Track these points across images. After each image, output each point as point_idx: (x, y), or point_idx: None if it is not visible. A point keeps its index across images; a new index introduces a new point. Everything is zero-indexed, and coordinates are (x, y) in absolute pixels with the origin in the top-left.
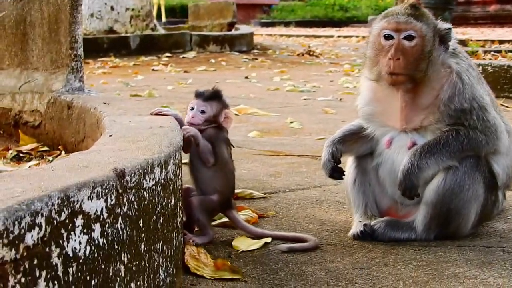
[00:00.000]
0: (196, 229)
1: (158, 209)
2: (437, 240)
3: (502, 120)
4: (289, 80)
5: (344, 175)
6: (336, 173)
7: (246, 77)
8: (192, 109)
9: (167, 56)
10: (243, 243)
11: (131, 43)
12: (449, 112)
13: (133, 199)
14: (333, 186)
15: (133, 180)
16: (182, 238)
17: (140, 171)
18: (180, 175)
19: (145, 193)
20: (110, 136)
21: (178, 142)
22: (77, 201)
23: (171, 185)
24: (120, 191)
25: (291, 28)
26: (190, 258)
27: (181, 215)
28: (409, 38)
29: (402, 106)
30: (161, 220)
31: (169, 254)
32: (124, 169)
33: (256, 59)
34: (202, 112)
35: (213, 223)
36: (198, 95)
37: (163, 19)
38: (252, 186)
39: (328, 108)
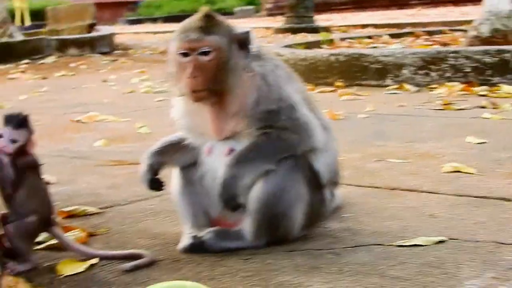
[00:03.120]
0: None
1: None
2: (269, 247)
3: (318, 116)
4: (147, 81)
5: (163, 186)
6: (154, 184)
7: (104, 81)
8: (1, 136)
9: (26, 63)
10: (67, 267)
11: None
12: (257, 116)
13: None
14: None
15: None
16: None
17: None
18: None
19: None
20: None
21: None
22: None
23: None
24: None
25: (158, 24)
26: None
27: None
28: (203, 53)
29: (212, 117)
30: None
31: None
32: None
33: (117, 60)
34: (14, 141)
35: (39, 246)
36: (8, 121)
37: (27, 23)
38: (89, 201)
39: None
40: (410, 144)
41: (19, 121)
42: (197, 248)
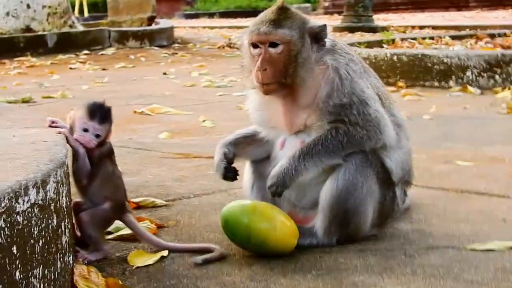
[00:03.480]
0: None
1: (36, 232)
2: (340, 245)
3: (392, 113)
4: (207, 75)
5: (237, 175)
6: (229, 173)
7: (164, 73)
8: (86, 130)
9: (86, 54)
10: (138, 258)
11: (48, 41)
12: (328, 109)
13: (4, 225)
14: (238, 190)
15: (3, 204)
16: (71, 258)
17: (11, 194)
18: (65, 192)
19: (18, 217)
20: None
21: (60, 158)
22: None
23: (52, 204)
24: None
25: (215, 19)
26: (80, 278)
27: (67, 234)
28: (273, 45)
29: (284, 110)
30: (41, 243)
31: (52, 277)
32: None
33: (176, 53)
34: (97, 136)
35: (109, 236)
36: (93, 116)
37: (86, 14)
38: (156, 193)
39: (243, 104)
40: (477, 147)
41: (103, 115)
42: None
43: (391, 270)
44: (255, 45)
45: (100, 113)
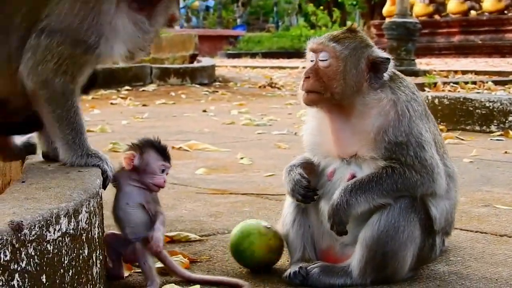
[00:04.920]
0: (125, 274)
1: (66, 261)
2: (374, 285)
3: (445, 162)
4: (246, 114)
5: (317, 195)
6: (310, 192)
7: (204, 111)
8: (163, 171)
9: (127, 89)
10: None
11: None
12: (384, 144)
13: (33, 253)
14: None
15: (33, 232)
16: None
17: (42, 222)
18: (98, 222)
19: (48, 245)
20: (23, 182)
21: (94, 188)
22: None
23: (83, 234)
24: (17, 245)
25: (257, 59)
26: None
27: (98, 265)
28: (323, 58)
29: (335, 133)
30: (71, 273)
31: None
32: (21, 221)
33: (217, 91)
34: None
35: (139, 269)
36: (167, 157)
37: None
38: (190, 228)
39: (282, 142)
40: None
41: (169, 154)
42: (301, 280)
43: None
44: (311, 57)
45: (168, 152)
